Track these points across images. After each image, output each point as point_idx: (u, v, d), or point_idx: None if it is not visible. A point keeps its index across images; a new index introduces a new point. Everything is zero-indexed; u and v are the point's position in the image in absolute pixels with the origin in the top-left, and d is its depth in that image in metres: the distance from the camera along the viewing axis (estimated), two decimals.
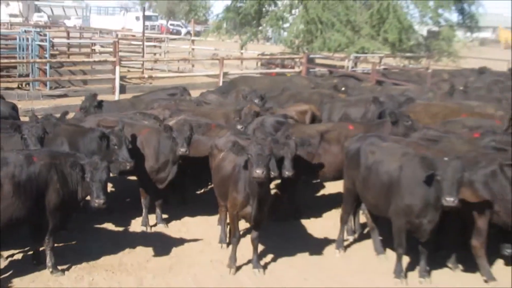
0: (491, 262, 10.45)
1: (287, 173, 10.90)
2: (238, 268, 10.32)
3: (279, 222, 12.26)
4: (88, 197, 9.54)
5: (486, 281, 10.10)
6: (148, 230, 12.02)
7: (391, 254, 10.83)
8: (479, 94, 19.78)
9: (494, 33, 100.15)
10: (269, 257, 10.94)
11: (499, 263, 10.83)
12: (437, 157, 9.62)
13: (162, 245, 11.19)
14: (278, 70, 31.73)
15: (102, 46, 36.76)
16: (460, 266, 10.62)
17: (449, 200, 9.00)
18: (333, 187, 14.29)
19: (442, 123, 14.16)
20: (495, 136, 12.54)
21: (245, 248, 10.67)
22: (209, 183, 13.02)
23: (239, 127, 13.25)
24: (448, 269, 10.62)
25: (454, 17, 39.37)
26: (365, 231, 12.10)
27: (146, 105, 16.08)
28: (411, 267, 10.53)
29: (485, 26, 70.32)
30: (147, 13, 69.57)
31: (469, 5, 38.74)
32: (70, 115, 15.37)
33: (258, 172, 9.15)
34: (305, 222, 12.76)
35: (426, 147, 11.14)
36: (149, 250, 10.93)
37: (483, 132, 13.01)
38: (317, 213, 13.12)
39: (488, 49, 73.67)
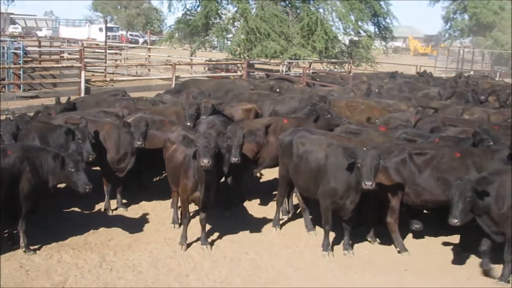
0: (403, 236, 10.59)
1: (234, 159, 10.88)
2: (189, 245, 10.29)
3: (224, 204, 12.24)
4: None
5: (399, 252, 10.25)
6: (110, 213, 11.87)
7: (319, 231, 10.91)
8: (392, 94, 20.08)
9: (404, 42, 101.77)
10: (215, 235, 10.92)
11: (409, 236, 10.99)
12: (358, 147, 9.73)
13: (122, 226, 11.07)
14: (223, 74, 31.72)
15: (69, 54, 36.03)
16: (378, 240, 10.73)
17: (368, 184, 9.13)
18: (270, 174, 14.29)
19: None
20: (406, 129, 12.76)
21: (195, 227, 10.65)
22: (163, 172, 12.88)
23: (187, 123, 13.25)
24: (368, 242, 10.73)
25: (371, 28, 39.94)
26: (298, 211, 12.13)
27: (108, 105, 15.86)
28: (336, 241, 10.61)
29: (397, 36, 71.46)
30: (109, 25, 69.22)
31: (384, 19, 39.30)
32: None
33: (205, 161, 9.18)
34: (246, 204, 12.74)
35: (348, 139, 11.24)
36: (111, 231, 10.85)
37: (396, 126, 13.22)
38: (257, 197, 13.08)
39: (400, 56, 75.23)
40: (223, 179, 12.24)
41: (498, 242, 9.20)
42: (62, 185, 10.71)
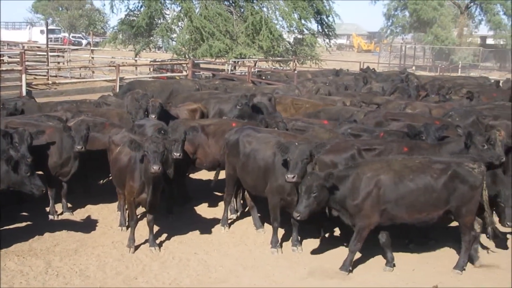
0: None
1: (176, 154, 10.80)
2: (137, 247, 10.18)
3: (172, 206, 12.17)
4: None
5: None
6: (55, 218, 11.62)
7: (268, 228, 10.95)
8: (338, 91, 20.33)
9: (348, 39, 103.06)
10: (164, 236, 10.85)
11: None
12: (291, 142, 9.79)
13: (68, 230, 10.89)
14: (168, 74, 31.52)
15: (9, 57, 35.28)
16: (327, 236, 10.82)
17: (290, 177, 9.22)
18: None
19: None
20: (351, 124, 12.92)
21: (143, 229, 10.57)
22: (109, 174, 12.71)
23: (152, 116, 13.52)
24: (317, 238, 10.77)
25: (315, 26, 40.26)
26: (246, 209, 12.14)
27: (51, 108, 15.53)
28: (285, 238, 10.67)
29: (341, 34, 72.45)
30: (50, 27, 67.89)
31: (327, 17, 39.68)
32: None
33: (155, 168, 9.14)
34: (194, 204, 12.68)
35: (294, 136, 11.30)
36: (57, 236, 10.65)
37: (341, 122, 13.39)
38: (205, 196, 13.03)
39: (344, 53, 76.21)
40: None
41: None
42: None
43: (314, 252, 10.28)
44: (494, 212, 10.46)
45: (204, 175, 14.45)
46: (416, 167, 9.33)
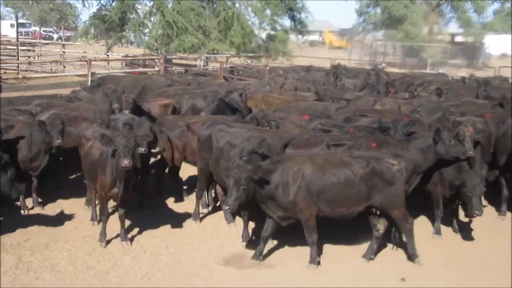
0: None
1: (141, 149, 10.76)
2: (108, 242, 10.15)
3: (145, 200, 12.19)
4: None
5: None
6: (26, 213, 11.53)
7: (239, 222, 11.03)
8: (308, 87, 20.44)
9: (321, 36, 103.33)
10: (135, 230, 10.84)
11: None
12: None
13: (39, 225, 10.81)
14: (140, 69, 31.26)
15: None
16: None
17: (125, 163, 9.19)
18: (188, 168, 14.24)
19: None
20: (321, 120, 13.05)
21: (114, 224, 10.53)
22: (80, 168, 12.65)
23: (126, 111, 13.63)
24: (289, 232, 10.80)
25: (287, 23, 40.36)
26: (217, 204, 12.19)
27: (21, 103, 15.36)
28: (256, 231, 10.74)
29: (313, 30, 72.57)
30: (20, 20, 66.81)
31: (299, 13, 39.81)
32: None
33: (126, 162, 9.15)
34: (166, 198, 12.70)
35: (265, 131, 11.39)
36: (27, 231, 10.55)
37: (311, 117, 13.50)
38: (176, 191, 13.03)
39: (316, 49, 76.34)
40: None
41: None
42: None
43: (282, 246, 10.32)
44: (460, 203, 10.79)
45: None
46: (338, 162, 9.37)
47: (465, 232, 11.27)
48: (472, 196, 10.32)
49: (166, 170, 13.04)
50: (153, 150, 11.83)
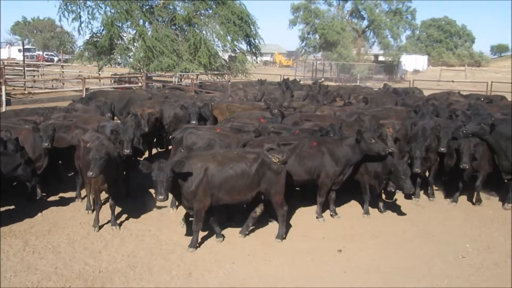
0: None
1: (126, 151, 10.64)
2: (101, 227, 9.97)
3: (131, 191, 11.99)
4: None
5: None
6: (39, 197, 11.37)
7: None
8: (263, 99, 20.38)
9: (272, 57, 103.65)
10: (124, 216, 10.67)
11: None
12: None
13: (43, 214, 10.60)
14: (126, 85, 30.89)
15: None
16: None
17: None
18: None
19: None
20: (274, 124, 13.02)
21: (106, 212, 10.28)
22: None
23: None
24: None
25: (245, 47, 40.29)
26: None
27: (26, 114, 14.92)
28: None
29: (266, 52, 72.67)
30: (27, 46, 65.54)
31: (254, 39, 39.84)
32: None
33: (89, 174, 8.99)
34: (148, 190, 12.39)
35: (226, 135, 11.31)
36: (33, 219, 10.32)
37: (266, 121, 13.46)
38: None
39: (268, 67, 76.60)
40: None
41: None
42: None
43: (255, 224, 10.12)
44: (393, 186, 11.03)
45: None
46: (235, 157, 9.19)
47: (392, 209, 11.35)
48: (406, 178, 10.37)
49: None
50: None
